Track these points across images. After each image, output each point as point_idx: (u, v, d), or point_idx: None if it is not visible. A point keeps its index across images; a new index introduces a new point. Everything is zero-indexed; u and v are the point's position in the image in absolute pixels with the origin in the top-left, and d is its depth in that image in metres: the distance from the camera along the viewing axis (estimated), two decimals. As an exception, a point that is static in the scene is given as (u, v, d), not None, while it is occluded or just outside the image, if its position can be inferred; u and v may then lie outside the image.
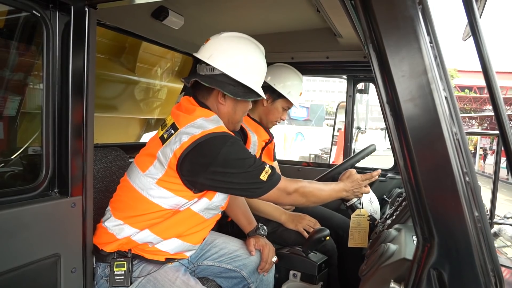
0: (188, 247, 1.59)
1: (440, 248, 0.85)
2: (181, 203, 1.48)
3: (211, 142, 1.40)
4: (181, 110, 1.57)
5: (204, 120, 1.47)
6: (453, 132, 0.82)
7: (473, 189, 0.83)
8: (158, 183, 1.46)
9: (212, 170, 1.40)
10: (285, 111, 2.31)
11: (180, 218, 1.50)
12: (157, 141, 1.52)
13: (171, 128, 1.49)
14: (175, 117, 1.53)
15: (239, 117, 1.66)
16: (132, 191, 1.51)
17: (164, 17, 2.08)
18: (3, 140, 1.93)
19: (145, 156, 1.54)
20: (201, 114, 1.50)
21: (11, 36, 1.72)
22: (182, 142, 1.40)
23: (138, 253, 1.51)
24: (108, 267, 1.49)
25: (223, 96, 1.56)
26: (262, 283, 1.83)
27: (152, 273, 1.50)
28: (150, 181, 1.47)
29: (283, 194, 1.51)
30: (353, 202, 2.11)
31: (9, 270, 1.23)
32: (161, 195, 1.46)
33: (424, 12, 0.81)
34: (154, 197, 1.47)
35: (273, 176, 1.48)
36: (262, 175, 1.44)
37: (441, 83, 0.82)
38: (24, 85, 1.92)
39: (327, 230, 2.10)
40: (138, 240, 1.49)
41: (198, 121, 1.46)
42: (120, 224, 1.50)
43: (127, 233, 1.49)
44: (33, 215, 1.29)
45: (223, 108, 1.59)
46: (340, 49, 2.64)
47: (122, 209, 1.53)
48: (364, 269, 1.19)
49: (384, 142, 5.97)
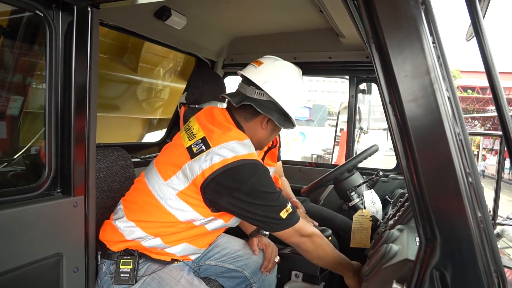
0: (194, 250, 1.60)
1: (443, 249, 0.84)
2: (197, 219, 1.48)
3: (242, 169, 1.40)
4: (215, 124, 1.53)
5: (237, 144, 1.45)
6: (456, 133, 0.82)
7: (476, 189, 0.83)
8: (178, 195, 1.45)
9: (235, 196, 1.40)
10: None
11: (193, 233, 1.52)
12: (184, 151, 1.48)
13: (202, 144, 1.45)
14: (207, 131, 1.49)
15: (269, 142, 1.73)
16: (149, 196, 1.50)
17: (166, 17, 2.09)
18: (6, 140, 1.94)
19: (168, 165, 1.51)
20: (235, 136, 1.49)
21: (14, 36, 1.72)
22: (213, 163, 1.39)
23: (144, 253, 1.51)
24: (113, 264, 1.49)
25: (266, 122, 1.59)
26: (264, 283, 1.83)
27: (157, 272, 1.51)
28: (171, 191, 1.46)
29: (297, 234, 1.51)
30: (355, 202, 2.11)
31: (12, 269, 1.23)
32: (179, 207, 1.46)
33: (427, 12, 0.81)
34: (172, 208, 1.46)
35: (293, 215, 1.48)
36: (282, 212, 1.45)
37: (444, 83, 0.82)
38: (27, 84, 1.92)
39: (330, 230, 2.10)
40: (147, 245, 1.50)
41: (232, 144, 1.44)
42: (131, 226, 1.50)
43: (137, 235, 1.49)
44: (36, 214, 1.30)
45: (262, 133, 1.62)
46: (342, 49, 2.64)
47: (136, 211, 1.53)
48: (366, 270, 1.19)
49: (386, 143, 5.96)
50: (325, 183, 2.21)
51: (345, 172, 2.16)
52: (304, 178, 2.91)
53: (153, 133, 3.97)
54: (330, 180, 2.18)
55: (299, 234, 1.51)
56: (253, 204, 1.42)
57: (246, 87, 1.56)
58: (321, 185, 2.21)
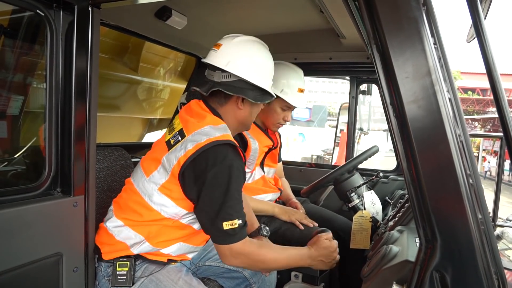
0: (190, 249, 1.59)
1: (443, 250, 0.84)
2: (180, 214, 1.47)
3: (215, 150, 1.39)
4: (191, 115, 1.54)
5: (211, 128, 1.45)
6: (456, 134, 0.82)
7: (477, 191, 0.83)
8: (160, 190, 1.45)
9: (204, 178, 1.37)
10: (286, 111, 2.20)
11: (183, 233, 1.51)
12: (163, 145, 1.51)
13: (179, 135, 1.47)
14: (184, 122, 1.51)
15: (253, 118, 1.68)
16: (135, 194, 1.51)
17: (167, 17, 2.09)
18: (7, 139, 1.94)
19: (150, 160, 1.53)
20: (210, 121, 1.48)
21: (15, 35, 1.73)
22: (187, 150, 1.39)
23: (140, 254, 1.50)
24: (110, 267, 1.48)
25: (242, 102, 1.57)
26: (264, 283, 1.83)
27: (155, 273, 1.50)
28: (153, 186, 1.46)
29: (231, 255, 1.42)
30: (355, 203, 2.11)
31: (12, 268, 1.23)
32: (162, 203, 1.45)
33: (429, 14, 0.81)
34: (155, 204, 1.46)
35: (237, 232, 1.39)
36: (226, 222, 1.37)
37: (445, 85, 0.82)
38: (27, 84, 1.92)
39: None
40: (136, 252, 1.48)
41: (206, 129, 1.44)
42: (120, 226, 1.49)
43: (126, 235, 1.48)
44: (36, 214, 1.30)
45: (240, 113, 1.59)
46: (343, 50, 2.64)
47: (123, 210, 1.53)
48: (366, 271, 1.18)
49: (386, 144, 5.96)
50: (325, 184, 2.21)
51: (345, 173, 2.15)
52: (304, 179, 2.91)
53: (153, 133, 3.97)
54: (330, 181, 2.18)
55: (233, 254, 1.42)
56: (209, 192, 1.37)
57: (213, 73, 1.55)
58: (321, 186, 2.21)
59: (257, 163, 2.23)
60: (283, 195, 2.48)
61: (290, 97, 2.14)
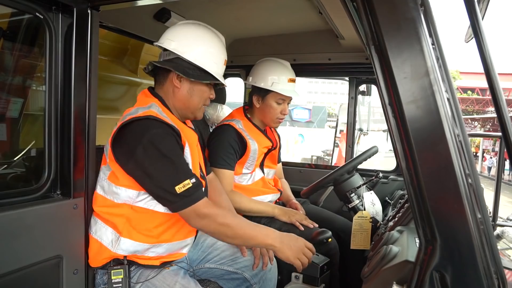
0: (179, 244, 1.56)
1: (443, 250, 0.84)
2: (133, 196, 1.44)
3: (134, 126, 1.38)
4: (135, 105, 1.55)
5: (138, 108, 1.45)
6: (455, 134, 0.82)
7: (476, 191, 0.83)
8: (109, 179, 1.46)
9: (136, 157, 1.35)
10: (281, 104, 2.18)
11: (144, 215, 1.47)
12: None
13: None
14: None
15: (196, 103, 1.61)
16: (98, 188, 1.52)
17: (166, 19, 2.09)
18: (6, 142, 1.94)
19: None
20: (140, 104, 1.50)
21: (14, 38, 1.73)
22: (113, 131, 1.41)
23: (133, 260, 1.49)
24: (105, 275, 1.47)
25: (178, 79, 1.56)
26: (265, 284, 1.83)
27: (150, 279, 1.48)
28: (103, 177, 1.48)
29: (195, 216, 1.40)
30: (355, 204, 2.11)
31: (12, 271, 1.23)
32: (113, 190, 1.45)
33: (426, 14, 0.81)
34: (107, 193, 1.47)
35: (193, 192, 1.38)
36: (178, 186, 1.35)
37: (443, 85, 0.82)
38: (27, 86, 1.93)
39: (329, 232, 2.10)
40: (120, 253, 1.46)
41: (132, 110, 1.45)
42: (96, 223, 1.48)
43: (102, 233, 1.46)
44: (36, 216, 1.30)
45: (178, 92, 1.58)
46: (342, 51, 2.65)
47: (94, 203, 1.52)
48: (366, 271, 1.18)
49: (386, 144, 5.96)
50: (325, 185, 2.21)
51: (345, 174, 2.15)
52: (304, 180, 2.91)
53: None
54: (330, 182, 2.18)
55: (198, 215, 1.39)
56: (149, 167, 1.35)
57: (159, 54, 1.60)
58: (321, 186, 2.21)
59: (257, 164, 2.23)
60: (283, 196, 2.48)
61: (281, 87, 2.14)
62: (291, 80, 2.18)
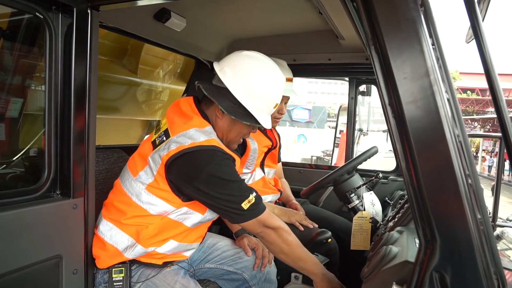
0: (185, 246, 1.58)
1: (443, 251, 0.84)
2: (169, 211, 1.47)
3: (198, 156, 1.38)
4: (178, 114, 1.52)
5: (196, 131, 1.43)
6: (455, 134, 0.82)
7: (476, 191, 0.83)
8: (147, 189, 1.45)
9: (195, 185, 1.38)
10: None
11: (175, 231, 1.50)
12: (149, 145, 1.51)
13: (164, 135, 1.47)
14: (170, 123, 1.49)
15: (233, 137, 1.59)
16: (122, 194, 1.51)
17: (166, 19, 2.09)
18: (5, 142, 1.94)
19: (136, 160, 1.53)
20: (196, 124, 1.46)
21: (14, 38, 1.73)
22: (169, 150, 1.39)
23: (135, 258, 1.49)
24: (106, 274, 1.48)
25: (221, 110, 1.51)
26: (264, 285, 1.83)
27: (151, 278, 1.49)
28: (141, 186, 1.46)
29: (260, 225, 1.47)
30: (355, 204, 2.11)
31: (11, 271, 1.23)
32: (150, 201, 1.45)
33: (426, 14, 0.81)
34: (143, 203, 1.46)
35: (256, 206, 1.45)
36: (244, 203, 1.41)
37: (443, 85, 0.82)
38: (26, 86, 1.92)
39: (329, 232, 2.10)
40: (131, 257, 1.47)
41: (191, 131, 1.42)
42: (110, 228, 1.49)
43: (117, 239, 1.47)
44: (35, 216, 1.30)
45: (219, 122, 1.54)
46: (342, 51, 2.64)
47: (111, 211, 1.53)
48: (366, 272, 1.18)
49: (386, 144, 5.96)
50: (324, 185, 2.21)
51: (344, 174, 2.15)
52: (304, 180, 2.91)
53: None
54: (329, 182, 2.18)
55: (263, 225, 1.47)
56: (213, 193, 1.39)
57: (215, 75, 1.53)
58: (320, 187, 2.21)
59: (257, 163, 2.23)
60: (283, 196, 2.48)
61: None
62: (288, 80, 2.16)
